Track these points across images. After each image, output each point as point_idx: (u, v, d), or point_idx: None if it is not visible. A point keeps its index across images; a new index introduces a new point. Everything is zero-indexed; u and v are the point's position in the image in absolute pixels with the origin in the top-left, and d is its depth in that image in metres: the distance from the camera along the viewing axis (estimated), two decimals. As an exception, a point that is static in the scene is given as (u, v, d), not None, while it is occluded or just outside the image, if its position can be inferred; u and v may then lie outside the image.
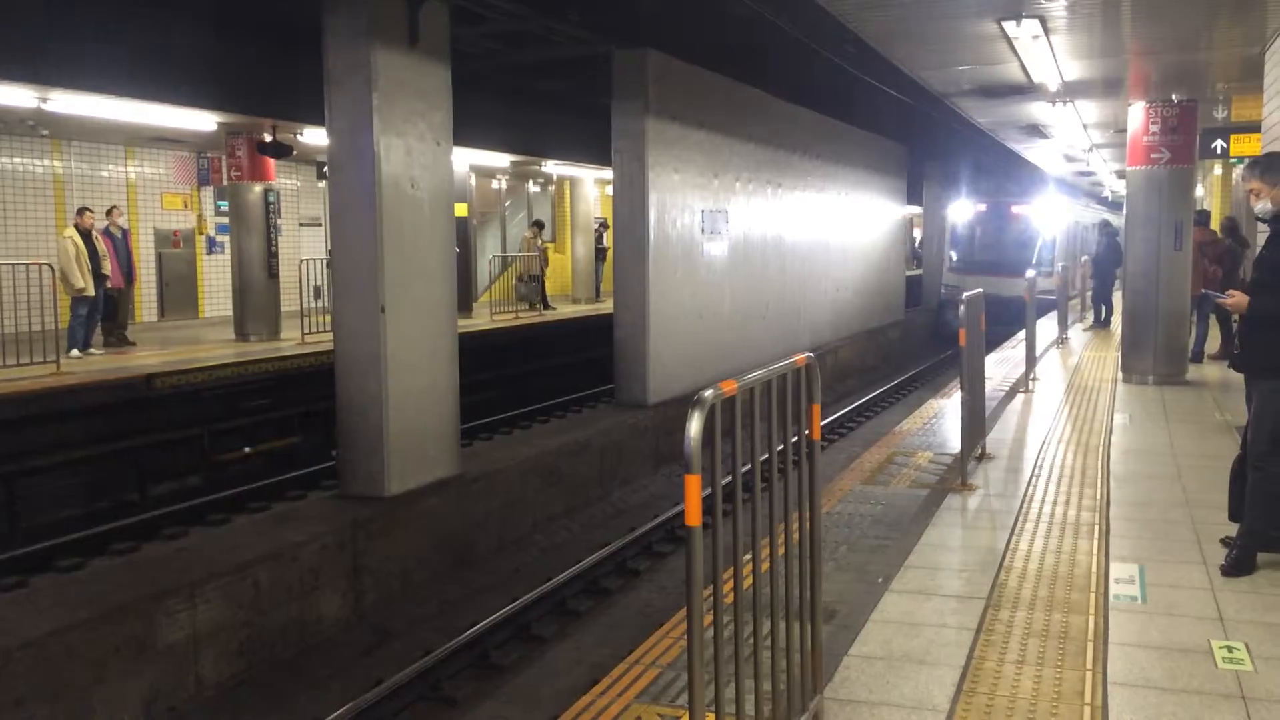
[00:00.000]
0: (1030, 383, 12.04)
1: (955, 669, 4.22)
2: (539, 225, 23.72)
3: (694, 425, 2.63)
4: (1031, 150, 22.14)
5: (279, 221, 17.39)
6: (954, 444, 7.74)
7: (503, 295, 22.02)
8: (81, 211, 14.41)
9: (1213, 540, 5.84)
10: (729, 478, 2.99)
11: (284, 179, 21.52)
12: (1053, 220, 28.10)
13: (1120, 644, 4.47)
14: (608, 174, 14.58)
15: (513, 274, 23.02)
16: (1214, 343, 14.45)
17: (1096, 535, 6.09)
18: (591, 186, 26.08)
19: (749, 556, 3.15)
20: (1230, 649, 4.40)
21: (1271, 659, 4.30)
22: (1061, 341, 17.01)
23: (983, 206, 29.29)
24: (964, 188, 32.34)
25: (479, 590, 9.37)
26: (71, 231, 13.98)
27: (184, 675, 7.07)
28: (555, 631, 8.49)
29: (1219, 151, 14.56)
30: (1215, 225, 15.44)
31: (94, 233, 14.29)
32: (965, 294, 7.83)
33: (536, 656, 8.03)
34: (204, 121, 14.90)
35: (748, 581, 3.13)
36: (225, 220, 18.53)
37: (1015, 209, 28.67)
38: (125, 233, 15.78)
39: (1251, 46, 9.26)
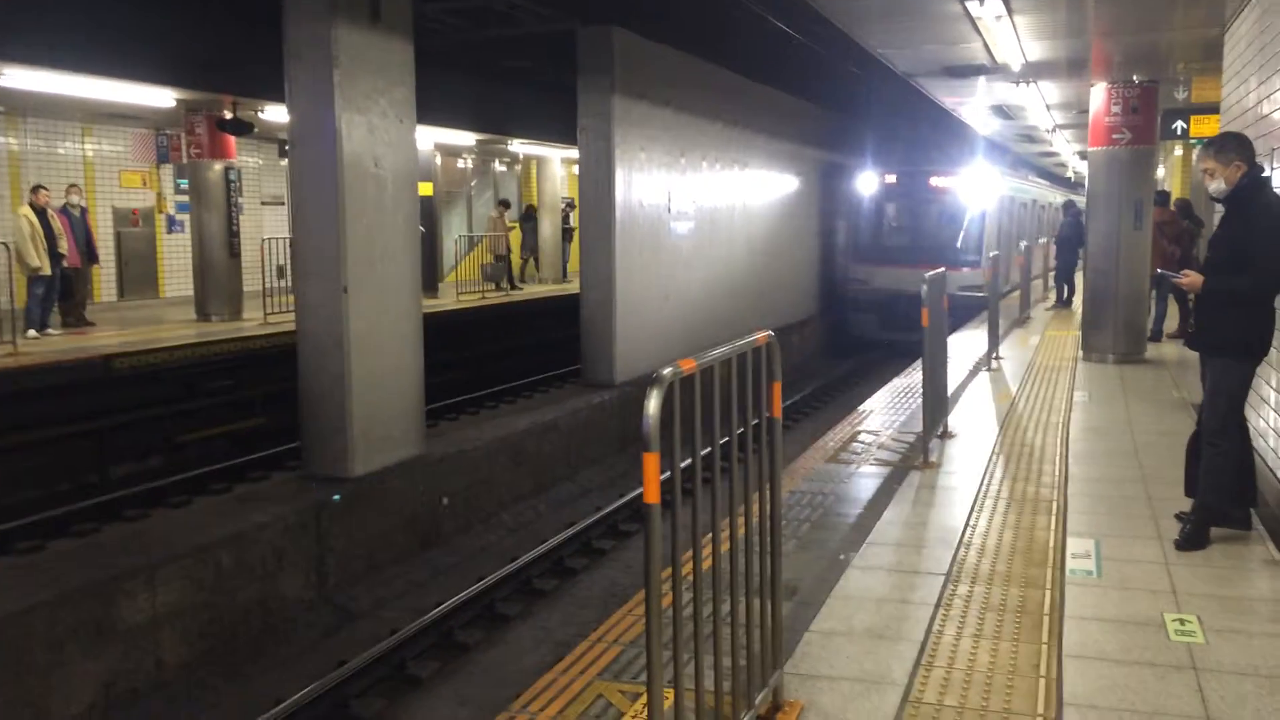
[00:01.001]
0: (993, 361, 12.15)
1: (914, 643, 4.27)
2: (505, 204, 23.60)
3: (652, 403, 2.63)
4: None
5: (240, 200, 17.18)
6: (917, 423, 7.81)
7: (470, 275, 21.91)
8: (36, 189, 14.15)
9: (1168, 515, 5.94)
10: (695, 457, 3.00)
11: (245, 157, 21.25)
12: (985, 195, 21.30)
13: (1075, 617, 4.53)
14: (575, 153, 14.50)
15: (481, 254, 22.91)
16: (1172, 322, 14.64)
17: (1054, 511, 6.17)
18: (558, 166, 25.95)
19: (712, 535, 3.16)
20: (1183, 622, 4.48)
21: (1223, 631, 4.38)
22: (1024, 321, 17.17)
23: (892, 178, 22.20)
24: (869, 152, 24.71)
25: (444, 570, 9.36)
26: (26, 210, 13.74)
27: (144, 657, 7.01)
28: (521, 611, 8.50)
29: (1179, 132, 14.70)
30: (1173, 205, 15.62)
31: (49, 211, 14.05)
32: (928, 275, 7.86)
33: (501, 636, 8.04)
34: (162, 98, 14.67)
35: (710, 561, 3.14)
36: (185, 199, 18.27)
37: (937, 181, 21.71)
38: (84, 211, 15.53)
39: (1211, 28, 9.35)
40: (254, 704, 6.75)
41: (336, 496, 8.98)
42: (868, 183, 22.38)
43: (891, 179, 22.16)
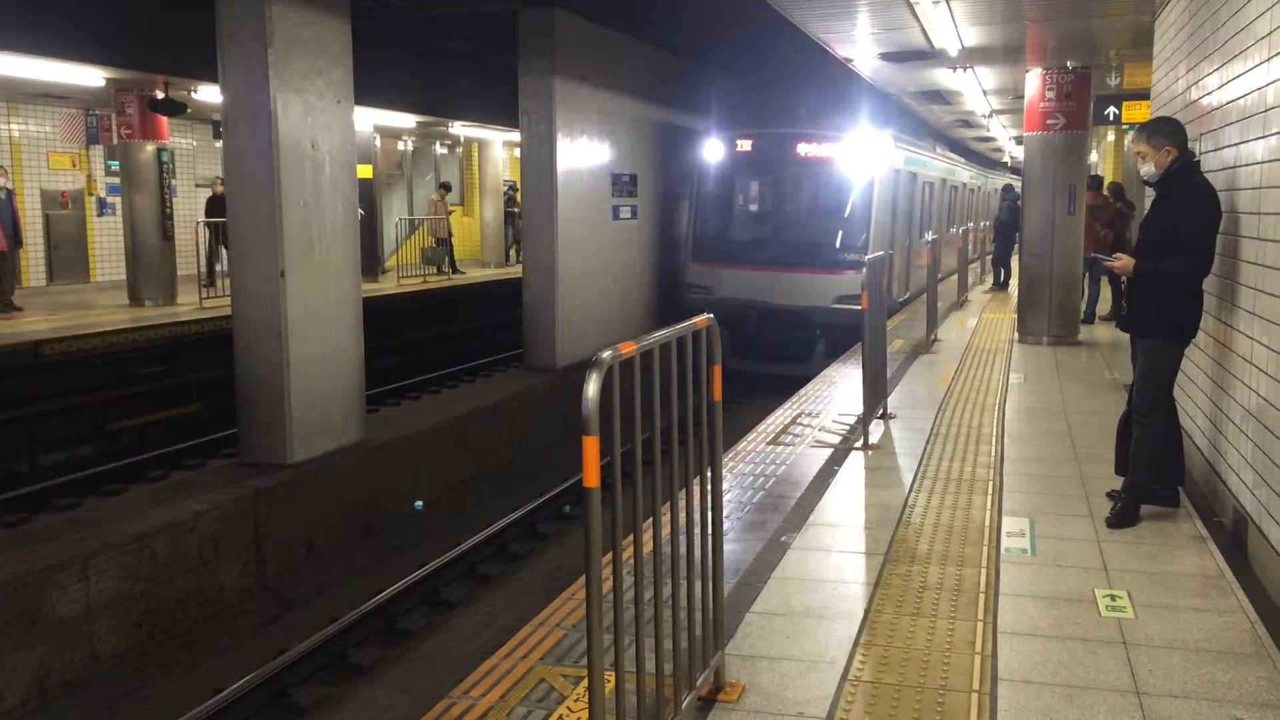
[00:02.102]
0: (931, 344, 12.31)
1: (853, 622, 4.32)
2: (446, 188, 23.38)
3: (591, 387, 2.63)
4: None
5: (174, 182, 16.82)
6: (857, 405, 7.89)
7: (411, 259, 21.69)
8: (-40, 171, 13.74)
9: (1100, 494, 6.07)
10: (635, 441, 2.99)
11: (179, 138, 20.82)
12: (879, 170, 15.38)
13: (1010, 595, 4.62)
14: (517, 136, 14.40)
15: (421, 238, 22.68)
16: (1105, 304, 14.95)
17: (990, 491, 6.28)
18: (500, 149, 25.76)
19: (653, 519, 3.16)
20: (1113, 598, 4.59)
21: (1152, 606, 4.49)
22: (962, 304, 17.42)
23: (746, 143, 16.03)
24: (716, 107, 18.52)
25: (386, 557, 9.28)
26: (-50, 192, 13.33)
27: (78, 649, 6.87)
28: (464, 596, 8.46)
29: (1111, 118, 15.02)
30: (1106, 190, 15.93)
31: (-26, 193, 13.65)
32: (868, 257, 7.93)
33: (444, 622, 8.00)
34: (90, 77, 14.30)
35: (651, 544, 3.14)
36: (116, 180, 17.85)
37: (809, 149, 15.67)
38: (10, 193, 15.11)
39: (1142, 15, 9.52)
40: (192, 694, 6.66)
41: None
42: (713, 150, 16.10)
43: (745, 144, 15.93)
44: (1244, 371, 5.34)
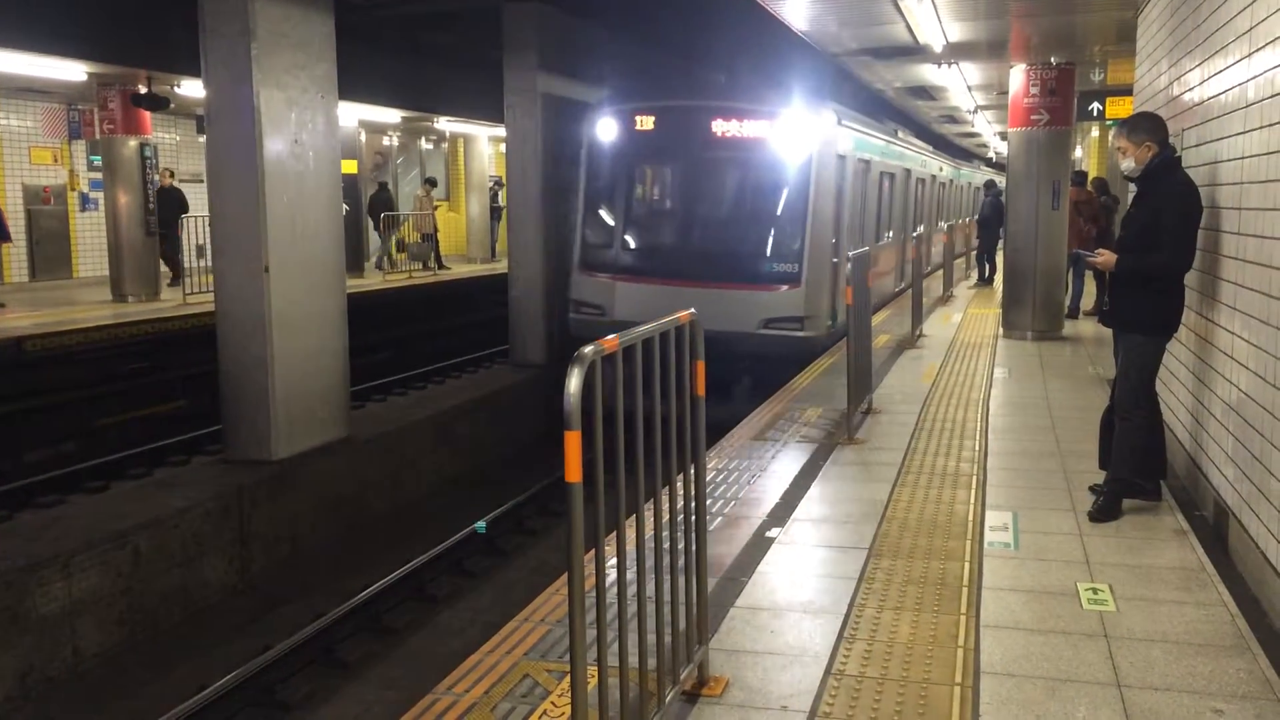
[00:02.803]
0: (916, 339, 12.35)
1: (837, 617, 4.33)
2: (431, 183, 23.32)
3: (573, 382, 2.63)
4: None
5: (156, 177, 16.74)
6: (842, 400, 7.91)
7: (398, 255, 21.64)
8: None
9: (1082, 488, 6.10)
10: (617, 436, 2.99)
11: (162, 133, 20.71)
12: (823, 156, 12.15)
13: (993, 588, 4.64)
14: (503, 131, 14.37)
15: (406, 233, 22.61)
16: (1089, 299, 15.02)
17: (974, 485, 6.30)
18: (486, 144, 25.71)
19: (636, 514, 3.16)
20: (1095, 591, 4.61)
21: (1133, 599, 4.52)
22: (947, 299, 17.46)
23: (648, 120, 12.63)
24: (613, 76, 15.22)
25: (372, 553, 9.26)
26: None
27: (60, 647, 6.84)
28: (450, 592, 8.46)
29: (1095, 114, 15.07)
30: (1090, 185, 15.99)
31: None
32: (853, 252, 7.98)
33: (429, 618, 7.99)
34: (72, 71, 14.21)
35: (634, 539, 3.14)
36: (99, 176, 17.73)
37: (730, 128, 12.28)
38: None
39: (1125, 11, 9.55)
40: (176, 691, 6.63)
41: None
42: (605, 130, 12.63)
43: (646, 121, 12.48)
44: (1225, 366, 5.38)
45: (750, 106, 12.14)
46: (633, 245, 12.67)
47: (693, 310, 3.50)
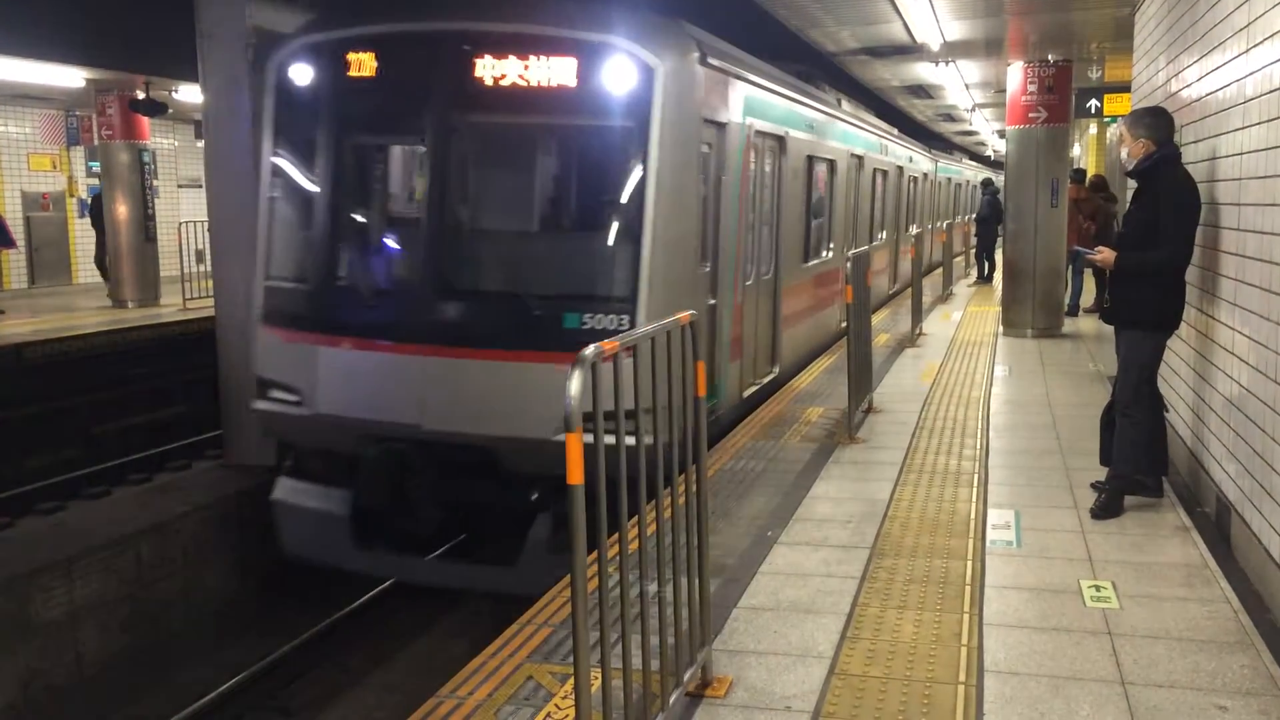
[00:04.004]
0: (916, 338, 12.34)
1: (840, 616, 4.33)
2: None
3: (575, 384, 2.63)
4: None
5: (156, 183, 16.74)
6: (843, 399, 7.91)
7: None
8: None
9: (1084, 485, 6.10)
10: (619, 437, 2.98)
11: (160, 138, 20.71)
12: (665, 121, 6.50)
13: (996, 587, 4.64)
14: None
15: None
16: (1089, 297, 15.01)
17: (976, 484, 6.30)
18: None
19: (638, 515, 3.16)
20: (1098, 588, 4.61)
21: (1136, 596, 4.51)
22: (947, 297, 17.46)
23: (365, 63, 6.88)
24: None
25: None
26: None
27: (63, 653, 6.83)
28: (453, 594, 8.43)
29: (1093, 111, 15.09)
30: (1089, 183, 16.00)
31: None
32: (852, 251, 7.92)
33: (432, 621, 7.98)
34: (71, 77, 14.22)
35: (636, 541, 3.14)
36: (98, 181, 17.73)
37: (514, 68, 6.52)
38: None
39: (1122, 8, 9.56)
40: (180, 696, 6.63)
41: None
42: (297, 77, 7.22)
43: (361, 62, 6.96)
44: (1225, 362, 5.37)
45: (540, 31, 6.65)
46: (341, 283, 7.08)
47: (693, 312, 3.50)
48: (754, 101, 8.38)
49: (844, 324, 10.54)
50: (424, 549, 7.03)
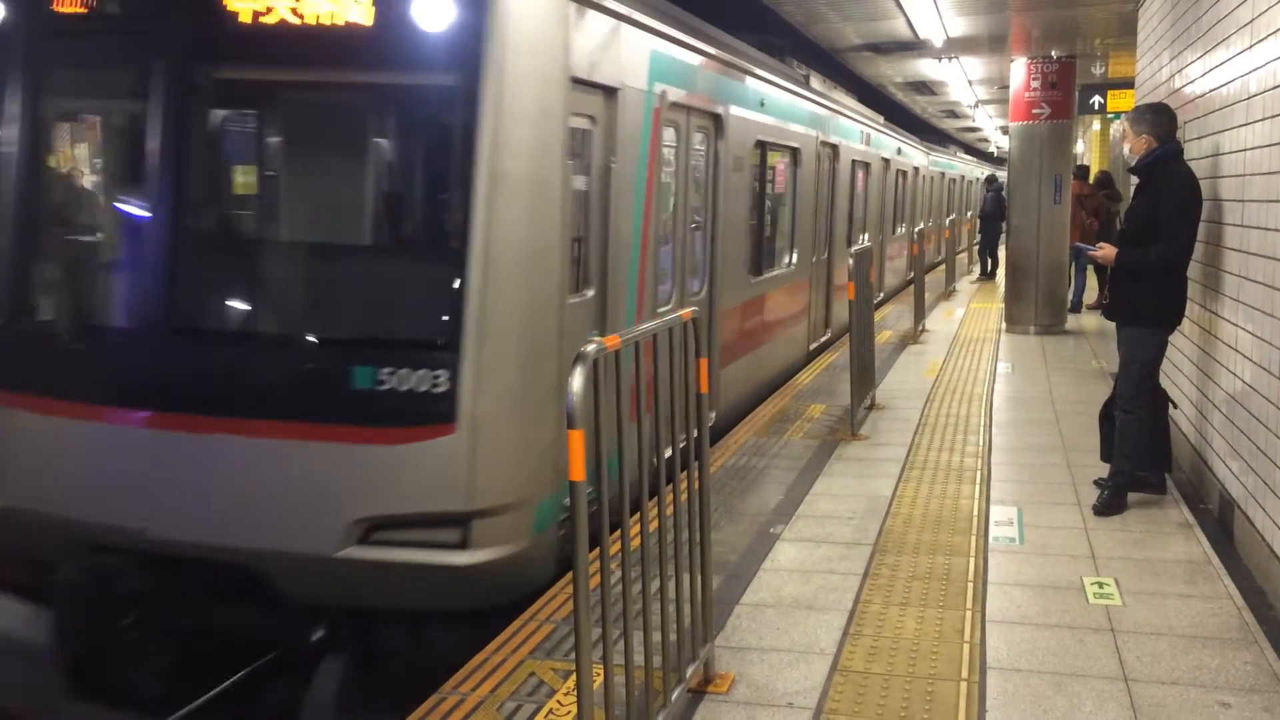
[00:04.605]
0: (919, 334, 12.34)
1: (842, 613, 4.33)
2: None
3: (577, 380, 2.62)
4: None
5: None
6: (845, 396, 7.90)
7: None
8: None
9: (1087, 482, 6.09)
10: (620, 435, 2.98)
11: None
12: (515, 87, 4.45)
13: (999, 583, 4.64)
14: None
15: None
16: (1092, 294, 15.00)
17: (978, 480, 6.29)
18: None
19: (640, 511, 3.16)
20: (1101, 585, 4.60)
21: (1139, 593, 4.51)
22: (950, 294, 17.45)
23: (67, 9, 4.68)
24: None
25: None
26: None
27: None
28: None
29: (1096, 107, 15.06)
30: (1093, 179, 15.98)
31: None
32: (855, 248, 7.88)
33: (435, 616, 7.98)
34: None
35: (639, 538, 3.14)
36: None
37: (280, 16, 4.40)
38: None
39: (1127, 3, 9.54)
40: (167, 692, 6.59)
41: None
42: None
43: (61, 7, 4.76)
44: (1229, 358, 5.37)
45: None
46: (32, 318, 5.09)
47: (695, 309, 3.49)
48: (669, 63, 6.17)
49: (813, 346, 10.64)
50: (161, 704, 4.61)
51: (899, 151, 16.64)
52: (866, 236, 13.84)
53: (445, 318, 4.32)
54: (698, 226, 7.24)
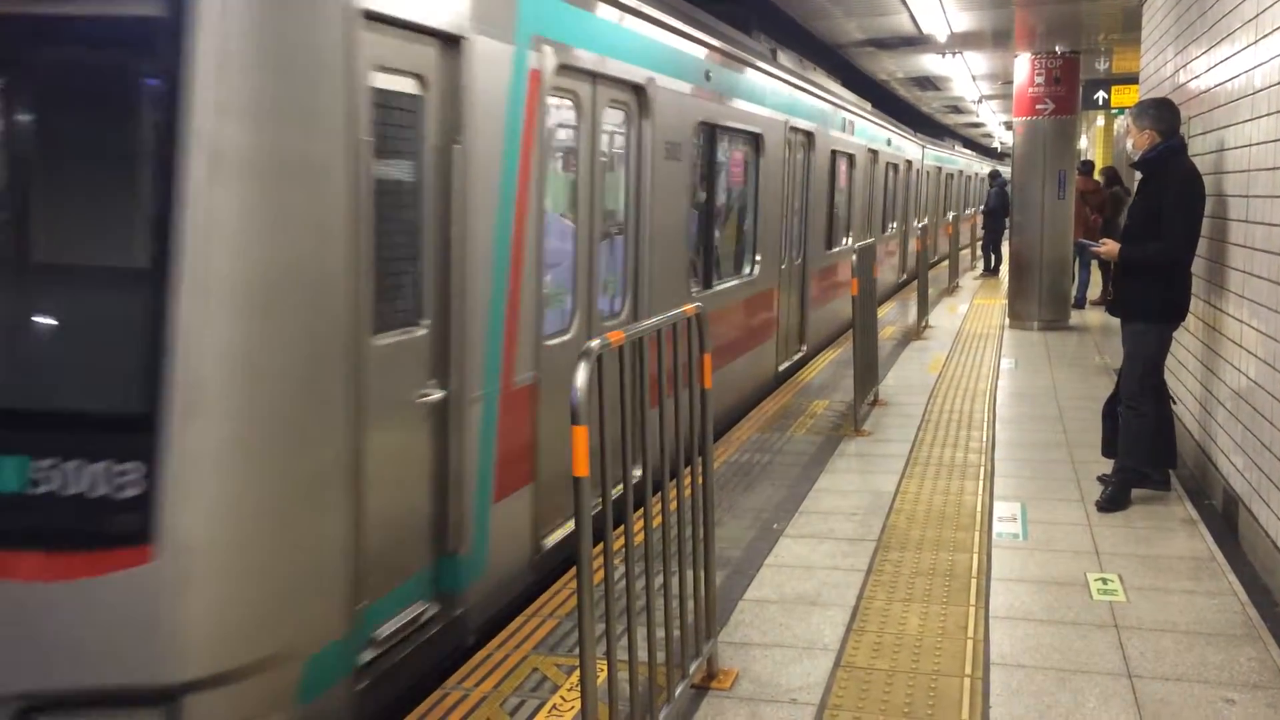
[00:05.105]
0: (922, 330, 12.32)
1: (846, 609, 4.33)
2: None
3: (581, 376, 2.62)
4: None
5: None
6: (849, 391, 7.90)
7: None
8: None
9: (1090, 478, 6.08)
10: (625, 430, 2.98)
11: None
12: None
13: (1002, 579, 4.63)
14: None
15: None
16: (1096, 289, 14.98)
17: (982, 476, 6.29)
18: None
19: (644, 507, 3.16)
20: (1105, 581, 4.60)
21: (1143, 589, 4.50)
22: (953, 290, 17.44)
23: None
24: None
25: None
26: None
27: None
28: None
29: (1100, 103, 15.04)
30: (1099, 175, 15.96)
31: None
32: (859, 244, 7.86)
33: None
34: None
35: (642, 534, 3.14)
36: None
37: None
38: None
39: (1130, -1, 9.53)
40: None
41: None
42: None
43: None
44: (1233, 354, 5.36)
45: None
46: None
47: (700, 304, 3.49)
48: (556, 9, 4.79)
49: (783, 366, 9.36)
50: None
51: (889, 143, 15.29)
52: (851, 237, 12.30)
53: (136, 377, 2.82)
54: (618, 231, 5.82)
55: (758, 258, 8.57)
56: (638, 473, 3.01)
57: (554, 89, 4.76)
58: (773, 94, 8.74)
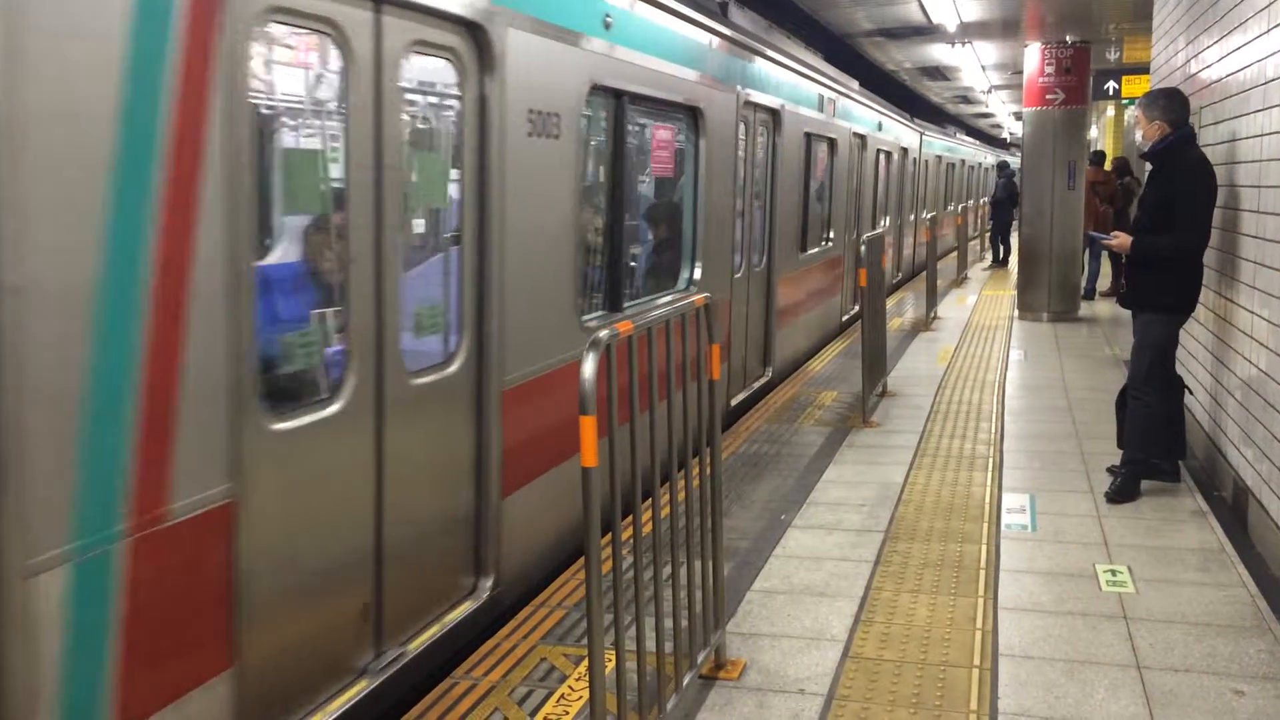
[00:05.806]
0: (931, 322, 12.30)
1: (854, 600, 4.32)
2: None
3: (589, 366, 2.62)
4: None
5: None
6: (857, 383, 7.89)
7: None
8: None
9: (1100, 469, 6.07)
10: (633, 420, 2.98)
11: None
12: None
13: (1011, 570, 4.63)
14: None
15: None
16: (1106, 280, 14.93)
17: (990, 467, 6.28)
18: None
19: (652, 498, 3.16)
20: (1114, 572, 4.59)
21: (1152, 581, 4.49)
22: (962, 281, 17.39)
23: None
24: None
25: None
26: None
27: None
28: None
29: (1111, 93, 14.98)
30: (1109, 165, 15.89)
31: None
32: (868, 234, 7.86)
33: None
34: None
35: (650, 524, 3.14)
36: None
37: None
38: None
39: (1141, -12, 9.48)
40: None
41: None
42: None
43: None
44: (1244, 345, 5.33)
45: None
46: None
47: (708, 295, 3.48)
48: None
49: (736, 401, 7.74)
50: None
51: (880, 127, 13.52)
52: (831, 236, 11.00)
53: None
54: (452, 238, 4.07)
55: (697, 265, 6.74)
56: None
57: (405, 47, 3.46)
58: (716, 56, 6.91)
